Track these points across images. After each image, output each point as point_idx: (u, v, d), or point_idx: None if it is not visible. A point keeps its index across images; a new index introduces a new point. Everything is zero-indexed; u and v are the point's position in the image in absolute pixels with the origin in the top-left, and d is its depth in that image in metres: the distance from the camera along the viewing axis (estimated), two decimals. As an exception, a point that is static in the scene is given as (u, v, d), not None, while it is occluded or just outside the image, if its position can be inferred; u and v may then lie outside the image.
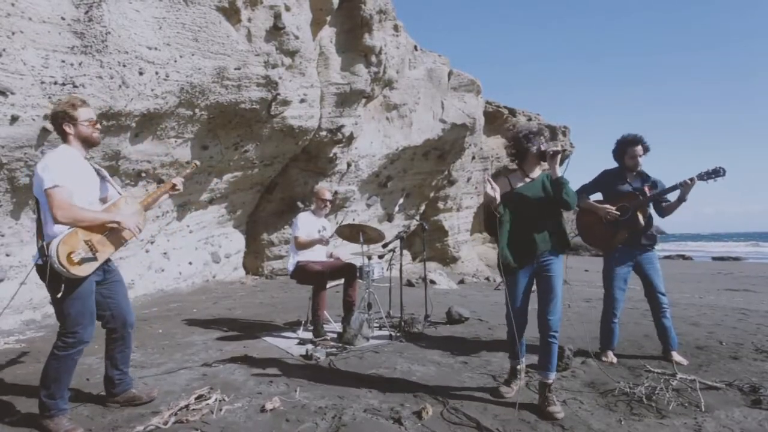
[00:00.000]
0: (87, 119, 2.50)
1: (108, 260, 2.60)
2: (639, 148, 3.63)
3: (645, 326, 4.80)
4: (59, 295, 2.31)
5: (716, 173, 3.36)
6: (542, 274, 2.82)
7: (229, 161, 7.68)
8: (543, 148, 2.83)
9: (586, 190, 3.82)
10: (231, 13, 6.43)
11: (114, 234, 2.51)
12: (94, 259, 2.41)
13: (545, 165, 2.90)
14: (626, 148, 3.66)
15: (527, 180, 2.91)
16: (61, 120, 2.47)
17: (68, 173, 2.36)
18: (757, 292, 10.22)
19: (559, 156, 2.75)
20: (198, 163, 3.35)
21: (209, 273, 8.29)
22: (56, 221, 2.31)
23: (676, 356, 3.60)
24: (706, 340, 4.29)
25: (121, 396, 2.72)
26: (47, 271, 2.30)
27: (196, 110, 6.42)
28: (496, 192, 2.71)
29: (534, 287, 2.88)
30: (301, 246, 4.61)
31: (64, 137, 2.51)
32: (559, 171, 2.78)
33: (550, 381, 2.73)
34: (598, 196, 3.86)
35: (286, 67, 7.32)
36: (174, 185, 2.92)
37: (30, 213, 5.21)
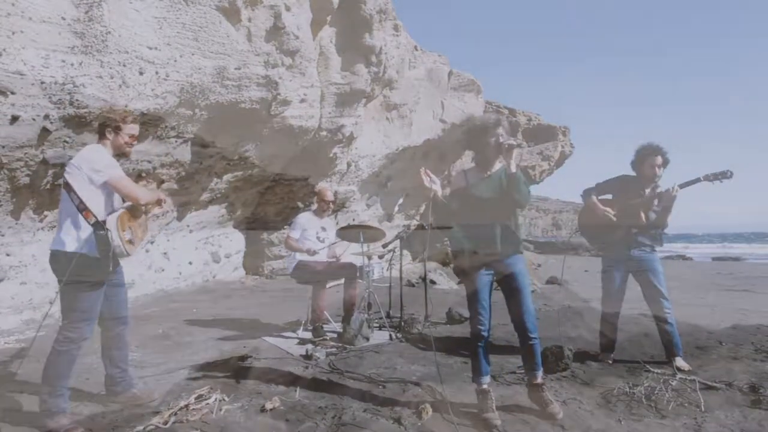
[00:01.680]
0: (130, 134, 2.63)
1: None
2: (659, 159, 3.56)
3: (645, 326, 4.79)
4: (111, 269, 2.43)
5: (723, 175, 3.35)
6: (506, 276, 2.66)
7: (229, 161, 7.68)
8: (501, 140, 2.64)
9: (598, 188, 3.76)
10: (231, 13, 6.42)
11: (142, 222, 2.64)
12: (132, 242, 2.52)
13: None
14: (646, 157, 3.59)
15: (484, 176, 2.74)
16: (108, 125, 2.58)
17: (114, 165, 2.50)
18: (757, 292, 10.21)
19: (515, 150, 2.59)
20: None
21: (209, 273, 8.28)
22: (142, 201, 2.46)
23: (680, 362, 3.46)
24: (706, 340, 4.28)
25: (122, 395, 2.73)
26: (106, 243, 2.33)
27: (196, 110, 6.42)
28: (434, 184, 2.55)
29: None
30: (289, 248, 4.68)
31: (101, 138, 2.61)
32: (514, 166, 2.59)
33: (539, 380, 2.67)
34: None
35: (286, 67, 7.31)
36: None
37: (30, 213, 5.21)
